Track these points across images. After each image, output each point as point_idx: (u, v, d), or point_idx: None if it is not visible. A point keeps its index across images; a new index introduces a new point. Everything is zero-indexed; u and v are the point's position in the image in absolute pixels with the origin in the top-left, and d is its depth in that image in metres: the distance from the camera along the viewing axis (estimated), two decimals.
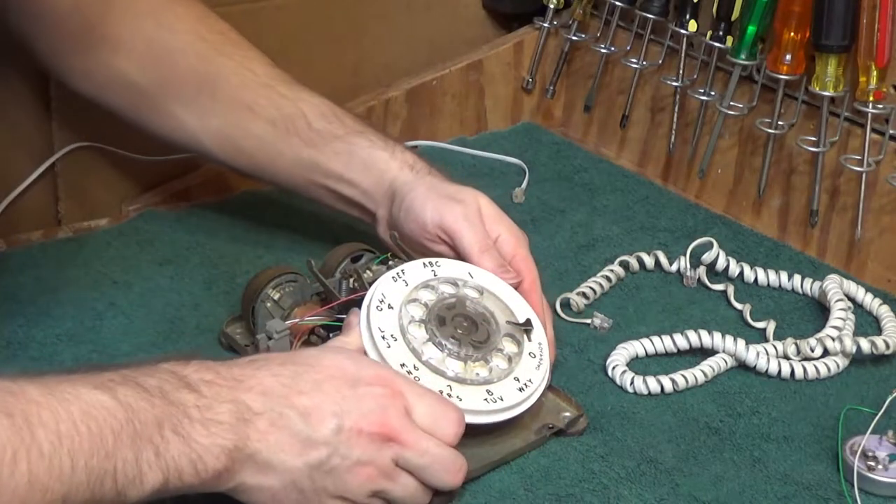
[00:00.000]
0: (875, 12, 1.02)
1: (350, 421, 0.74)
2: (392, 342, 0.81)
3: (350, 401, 0.74)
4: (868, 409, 0.88)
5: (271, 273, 0.90)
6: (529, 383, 0.84)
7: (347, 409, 0.74)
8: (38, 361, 0.90)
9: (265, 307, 0.89)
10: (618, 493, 0.81)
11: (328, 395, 0.74)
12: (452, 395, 0.80)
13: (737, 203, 1.18)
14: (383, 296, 0.84)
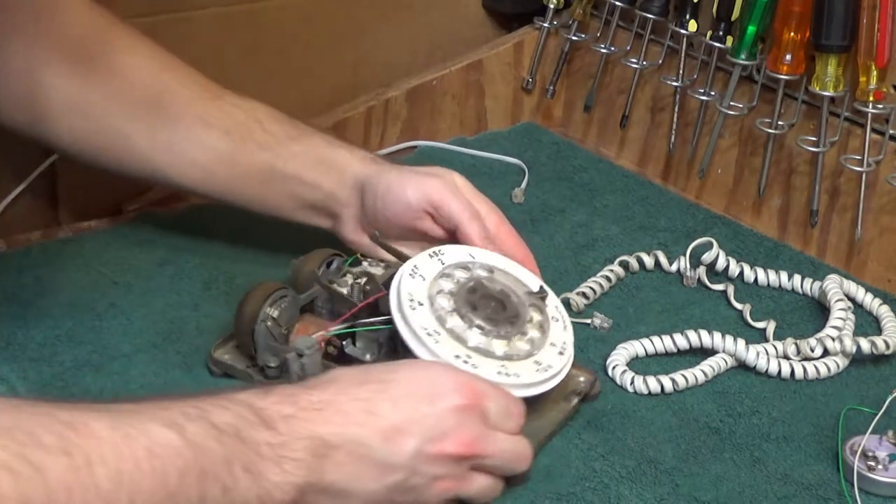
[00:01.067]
0: (875, 12, 1.02)
1: (430, 443, 0.74)
2: (438, 337, 0.81)
3: (429, 419, 0.74)
4: (868, 409, 0.88)
5: (264, 291, 0.87)
6: (565, 345, 0.86)
7: (427, 429, 0.74)
8: (37, 362, 0.89)
9: (265, 326, 0.86)
10: (618, 492, 0.81)
11: (407, 416, 0.73)
12: (509, 374, 0.81)
13: (737, 203, 1.18)
14: (410, 294, 0.83)
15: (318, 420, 0.71)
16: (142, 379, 0.89)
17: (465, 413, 0.75)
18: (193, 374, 0.90)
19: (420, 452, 0.73)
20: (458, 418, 0.75)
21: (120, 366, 0.90)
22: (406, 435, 0.73)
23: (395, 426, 0.73)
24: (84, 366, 0.90)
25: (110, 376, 0.89)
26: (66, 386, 0.88)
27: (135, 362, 0.91)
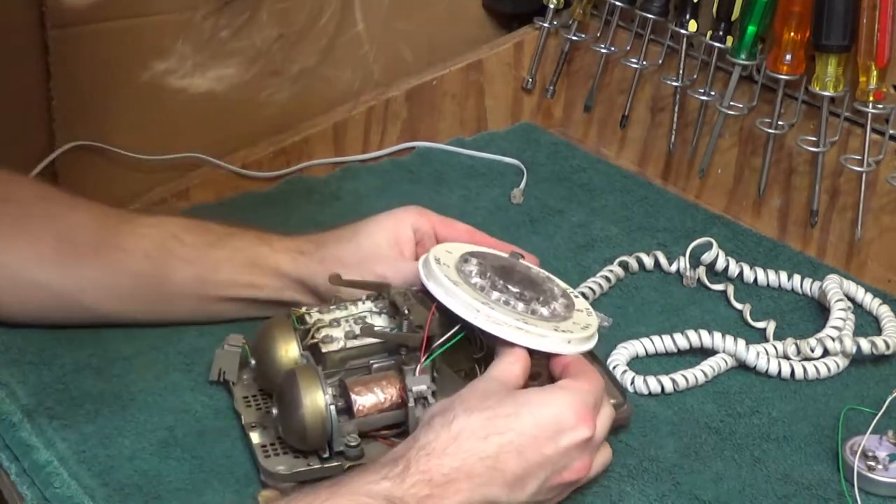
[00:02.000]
0: (875, 12, 1.02)
1: (552, 479, 0.77)
2: (525, 321, 0.81)
3: (553, 459, 0.76)
4: (868, 409, 0.88)
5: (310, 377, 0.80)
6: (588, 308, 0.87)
7: (550, 469, 0.76)
8: (37, 366, 0.89)
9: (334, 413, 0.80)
10: (620, 490, 0.82)
11: (532, 463, 0.76)
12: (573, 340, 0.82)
13: (737, 203, 1.18)
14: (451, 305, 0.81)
15: (451, 492, 0.74)
16: (142, 382, 0.89)
17: (585, 443, 0.78)
18: (193, 374, 0.90)
19: (541, 488, 0.77)
20: (580, 450, 0.78)
21: (120, 368, 0.90)
22: (529, 479, 0.76)
23: (520, 476, 0.75)
24: (84, 368, 0.90)
25: (111, 379, 0.89)
26: (66, 388, 0.88)
27: (135, 365, 0.91)
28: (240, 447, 0.84)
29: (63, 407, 0.86)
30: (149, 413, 0.86)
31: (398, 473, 0.73)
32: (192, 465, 0.82)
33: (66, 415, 0.85)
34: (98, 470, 0.81)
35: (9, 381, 0.88)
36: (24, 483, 0.80)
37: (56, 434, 0.83)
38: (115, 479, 0.80)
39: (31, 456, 0.81)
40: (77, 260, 0.91)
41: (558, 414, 0.77)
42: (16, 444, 0.83)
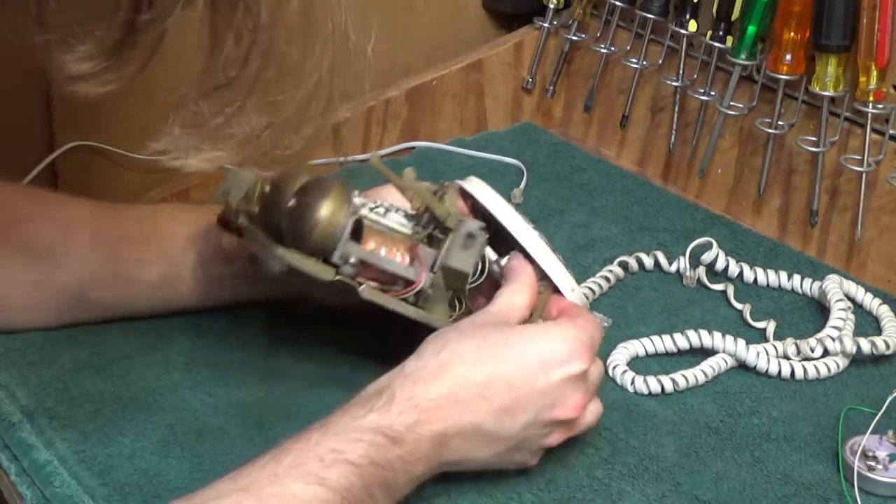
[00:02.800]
0: (875, 12, 1.02)
1: (542, 412, 0.77)
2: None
3: (543, 393, 0.77)
4: (868, 409, 0.88)
5: (340, 192, 0.82)
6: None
7: (540, 402, 0.77)
8: (36, 366, 0.89)
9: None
10: (620, 489, 0.82)
11: (521, 395, 0.76)
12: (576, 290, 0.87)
13: (737, 203, 1.18)
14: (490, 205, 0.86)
15: (438, 418, 0.75)
16: (142, 381, 0.89)
17: (577, 379, 0.78)
18: (193, 373, 0.90)
19: (532, 423, 0.77)
20: (572, 385, 0.78)
21: (121, 368, 0.90)
22: (518, 412, 0.76)
23: (508, 406, 0.76)
24: (85, 367, 0.90)
25: (111, 378, 0.89)
26: (67, 388, 0.88)
27: (135, 364, 0.91)
28: (240, 445, 0.84)
29: (63, 406, 0.86)
30: (149, 412, 0.86)
31: (384, 404, 0.74)
32: (192, 463, 0.82)
33: (66, 414, 0.85)
34: (98, 469, 0.81)
35: (8, 381, 0.88)
36: (23, 483, 0.80)
37: (56, 434, 0.83)
38: (115, 478, 0.80)
39: (30, 455, 0.81)
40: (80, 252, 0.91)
41: (552, 347, 0.77)
42: (15, 443, 0.82)
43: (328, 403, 0.88)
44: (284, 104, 0.66)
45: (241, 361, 0.92)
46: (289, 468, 0.71)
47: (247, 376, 0.90)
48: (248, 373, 0.91)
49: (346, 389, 0.89)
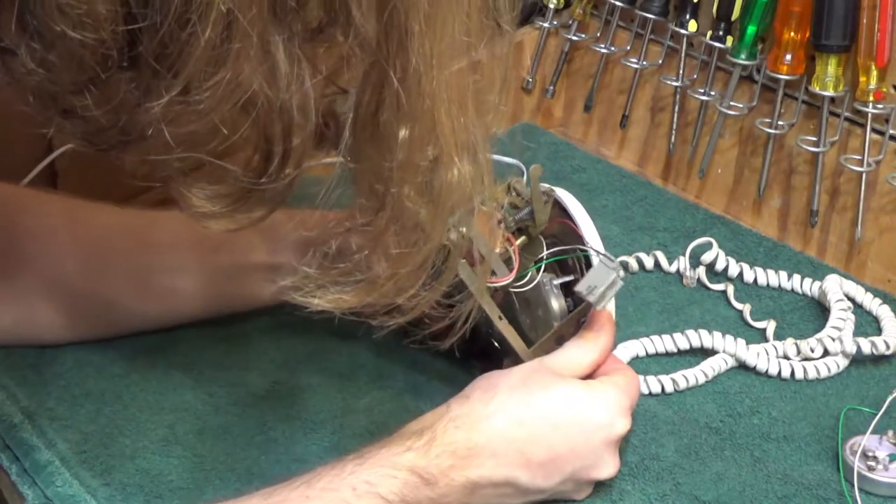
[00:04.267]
0: (875, 12, 1.02)
1: (579, 474, 0.78)
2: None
3: (583, 455, 0.77)
4: (868, 409, 0.89)
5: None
6: None
7: (578, 464, 0.77)
8: (37, 367, 0.89)
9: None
10: (620, 489, 0.82)
11: (561, 456, 0.77)
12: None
13: (737, 203, 1.18)
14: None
15: (473, 465, 0.75)
16: (143, 381, 0.89)
17: (617, 443, 0.79)
18: (194, 373, 0.90)
19: (566, 480, 0.78)
20: (611, 449, 0.79)
21: (121, 367, 0.90)
22: (555, 471, 0.77)
23: (545, 464, 0.76)
24: (86, 367, 0.90)
25: (112, 378, 0.89)
26: (68, 386, 0.88)
27: (136, 364, 0.91)
28: (241, 444, 0.84)
29: (64, 407, 0.86)
30: (150, 412, 0.86)
31: (423, 445, 0.74)
32: (194, 463, 0.82)
33: (67, 414, 0.85)
34: (99, 469, 0.81)
35: (9, 382, 0.88)
36: (24, 482, 0.80)
37: (57, 434, 0.83)
38: (117, 478, 0.80)
39: (32, 456, 0.81)
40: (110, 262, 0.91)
41: (596, 413, 0.78)
42: (17, 444, 0.83)
43: (330, 403, 0.88)
44: (410, 257, 0.66)
45: (241, 361, 0.92)
46: (320, 492, 0.71)
47: (248, 376, 0.91)
48: (249, 372, 0.91)
49: (347, 389, 0.90)
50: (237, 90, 0.59)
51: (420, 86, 0.61)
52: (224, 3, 0.56)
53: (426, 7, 0.59)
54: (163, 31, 0.56)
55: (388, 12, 0.59)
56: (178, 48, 0.57)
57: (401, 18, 0.59)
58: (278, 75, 0.59)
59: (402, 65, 0.60)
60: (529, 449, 0.76)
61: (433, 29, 0.60)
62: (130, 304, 0.91)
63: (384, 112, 0.62)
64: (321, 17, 0.60)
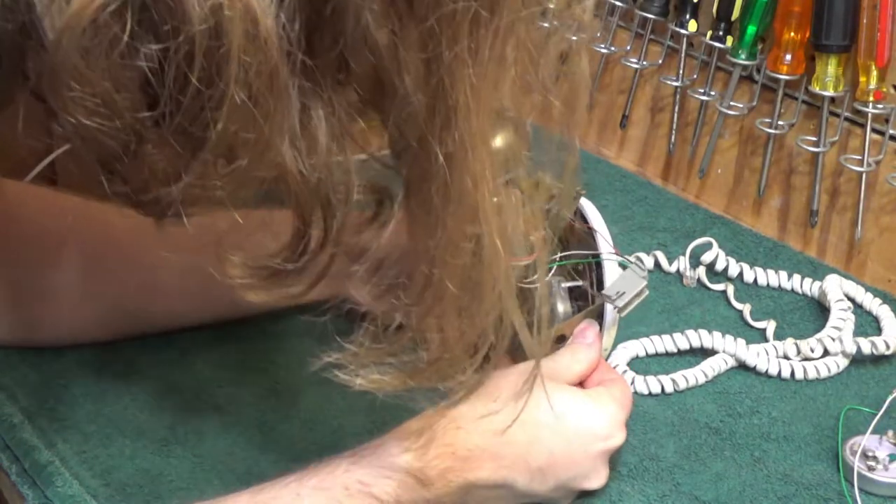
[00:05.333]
0: (875, 12, 1.02)
1: (573, 482, 0.78)
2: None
3: (580, 463, 0.77)
4: (868, 409, 0.89)
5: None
6: None
7: (574, 473, 0.77)
8: (37, 367, 0.89)
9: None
10: (620, 489, 0.82)
11: (559, 462, 0.77)
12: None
13: (737, 203, 1.18)
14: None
15: (472, 467, 0.74)
16: (143, 381, 0.89)
17: (611, 454, 0.79)
18: (195, 371, 0.90)
19: (560, 487, 0.77)
20: (604, 460, 0.79)
21: (121, 367, 0.90)
22: (550, 476, 0.77)
23: (543, 469, 0.76)
24: (86, 366, 0.90)
25: (112, 378, 0.89)
26: (68, 386, 0.88)
27: (136, 364, 0.91)
28: (241, 444, 0.84)
29: (64, 407, 0.86)
30: (149, 412, 0.86)
31: (421, 446, 0.73)
32: (194, 463, 0.82)
33: (67, 415, 0.85)
34: (100, 470, 0.81)
35: (9, 382, 0.88)
36: (24, 482, 0.80)
37: (57, 435, 0.83)
38: (117, 478, 0.80)
39: (32, 456, 0.81)
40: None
41: (597, 424, 0.78)
42: (17, 444, 0.82)
43: (330, 403, 0.88)
44: (454, 342, 0.65)
45: (242, 360, 0.92)
46: (312, 490, 0.70)
47: (248, 375, 0.91)
48: (249, 372, 0.91)
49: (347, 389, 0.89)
50: (261, 173, 0.57)
51: (465, 163, 0.59)
52: (239, 92, 0.53)
53: (473, 80, 0.57)
54: (178, 118, 0.55)
55: (434, 83, 0.57)
56: (193, 132, 0.55)
57: (447, 90, 0.57)
58: (317, 151, 0.58)
59: (447, 140, 0.58)
60: (530, 452, 0.76)
61: (479, 104, 0.58)
62: (134, 306, 0.91)
63: (430, 188, 0.60)
64: (366, 86, 0.59)
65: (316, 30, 0.56)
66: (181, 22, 0.52)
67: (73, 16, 0.51)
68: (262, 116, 0.55)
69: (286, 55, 0.54)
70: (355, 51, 0.57)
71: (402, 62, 0.57)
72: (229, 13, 0.52)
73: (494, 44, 0.57)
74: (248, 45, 0.53)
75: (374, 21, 0.56)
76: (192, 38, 0.52)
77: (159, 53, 0.53)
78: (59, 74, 0.53)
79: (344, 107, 0.58)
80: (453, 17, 0.55)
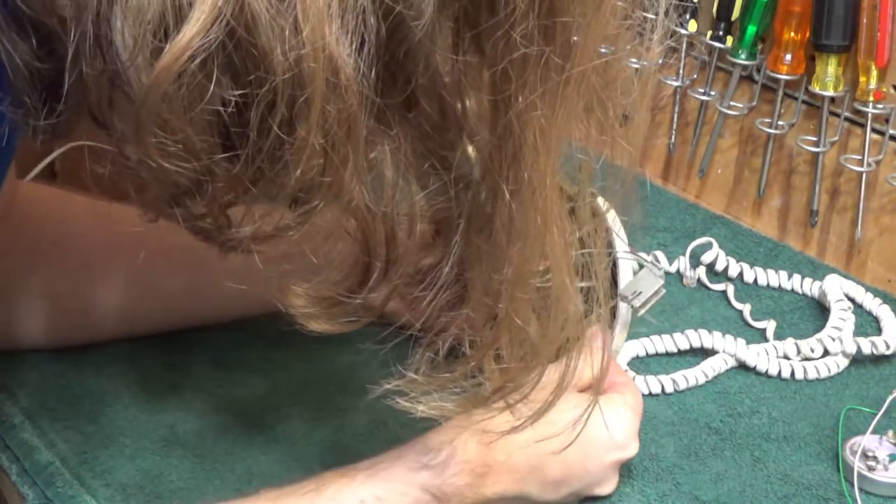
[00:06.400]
0: (875, 12, 1.02)
1: (585, 490, 0.78)
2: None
3: (593, 473, 0.78)
4: (868, 409, 0.89)
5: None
6: None
7: (587, 482, 0.78)
8: (37, 367, 0.89)
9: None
10: (620, 490, 0.82)
11: (573, 472, 0.77)
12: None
13: (737, 203, 1.18)
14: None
15: (489, 482, 0.74)
16: (144, 381, 0.89)
17: (623, 463, 0.79)
18: (195, 371, 0.90)
19: (571, 494, 0.78)
20: (616, 468, 0.79)
21: (123, 366, 0.90)
22: (564, 486, 0.77)
23: (558, 480, 0.76)
24: (86, 365, 0.90)
25: (111, 377, 0.89)
26: (68, 386, 0.88)
27: (137, 364, 0.91)
28: (241, 444, 0.84)
29: (64, 407, 0.86)
30: (150, 412, 0.86)
31: (440, 462, 0.73)
32: (194, 463, 0.82)
33: (68, 415, 0.85)
34: (100, 470, 0.81)
35: (9, 383, 0.88)
36: (25, 483, 0.80)
37: (57, 435, 0.83)
38: (118, 478, 0.80)
39: (32, 456, 0.81)
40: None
41: (613, 434, 0.78)
42: (17, 445, 0.83)
43: (330, 403, 0.88)
44: (518, 373, 0.65)
45: (241, 361, 0.92)
46: (328, 501, 0.70)
47: (248, 376, 0.91)
48: (250, 372, 0.91)
49: (347, 388, 0.89)
50: (334, 211, 0.58)
51: (533, 201, 0.58)
52: (318, 139, 0.54)
53: (542, 122, 0.57)
54: (257, 163, 0.55)
55: (502, 123, 0.57)
56: (270, 176, 0.55)
57: (515, 131, 0.57)
58: (383, 185, 0.58)
59: (514, 178, 0.58)
60: (546, 464, 0.75)
61: (548, 145, 0.57)
62: (137, 307, 0.91)
63: (496, 223, 0.60)
64: (433, 124, 0.59)
65: (389, 73, 0.56)
66: (265, 72, 0.52)
67: (162, 70, 0.52)
68: (339, 161, 0.55)
69: (363, 100, 0.55)
70: (425, 91, 0.57)
71: (470, 103, 0.58)
72: (313, 64, 0.52)
73: (566, 90, 0.57)
74: (329, 94, 0.53)
75: (443, 63, 0.56)
76: (276, 87, 0.53)
77: (240, 99, 0.53)
78: (143, 123, 0.54)
79: (409, 142, 0.58)
80: (525, 61, 0.55)
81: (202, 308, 0.92)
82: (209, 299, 0.91)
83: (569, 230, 0.62)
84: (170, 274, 0.90)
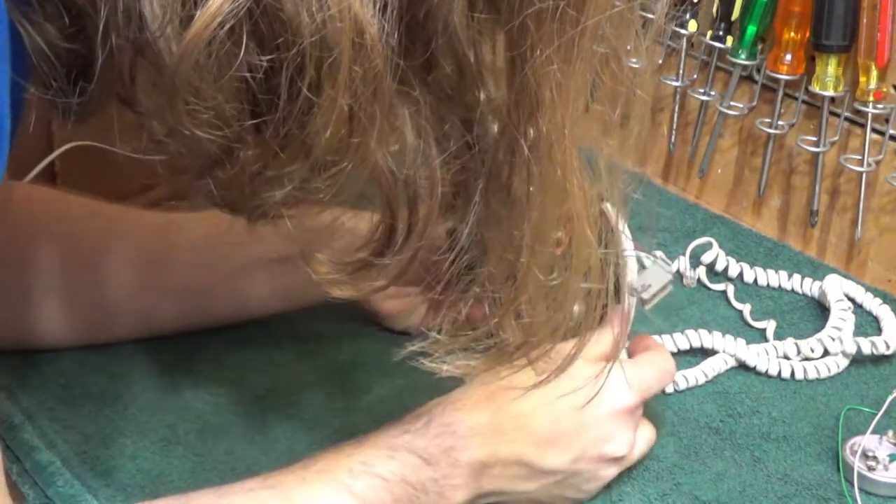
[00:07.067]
0: (875, 12, 1.02)
1: (590, 449, 0.76)
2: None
3: (589, 428, 0.76)
4: (868, 409, 0.89)
5: None
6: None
7: (586, 439, 0.76)
8: (37, 367, 0.89)
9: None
10: (620, 490, 0.82)
11: (566, 428, 0.75)
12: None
13: (737, 203, 1.18)
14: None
15: (476, 444, 0.74)
16: (143, 381, 0.89)
17: (626, 413, 0.77)
18: (194, 372, 0.90)
19: (579, 458, 0.76)
20: (620, 420, 0.77)
21: (122, 367, 0.90)
22: (563, 445, 0.75)
23: (551, 439, 0.75)
24: (85, 366, 0.90)
25: (112, 378, 0.89)
26: (68, 386, 0.88)
27: (136, 363, 0.91)
28: (241, 444, 0.84)
29: (64, 407, 0.86)
30: (150, 412, 0.86)
31: (421, 426, 0.73)
32: (194, 463, 0.82)
33: (68, 415, 0.85)
34: (101, 470, 0.81)
35: (9, 383, 0.88)
36: (25, 483, 0.80)
37: (58, 435, 0.83)
38: (118, 478, 0.80)
39: (33, 456, 0.81)
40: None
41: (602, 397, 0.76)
42: (17, 445, 0.83)
43: (330, 403, 0.88)
44: (541, 326, 0.65)
45: (241, 361, 0.92)
46: (317, 473, 0.71)
47: (248, 376, 0.91)
48: (249, 372, 0.91)
49: (348, 388, 0.90)
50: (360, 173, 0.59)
51: (551, 155, 0.59)
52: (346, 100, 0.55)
53: (558, 76, 0.57)
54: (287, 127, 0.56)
55: (519, 79, 0.57)
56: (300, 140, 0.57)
57: (532, 86, 0.57)
58: (404, 149, 0.59)
59: (532, 133, 0.59)
60: (533, 422, 0.75)
61: (565, 98, 0.58)
62: (138, 307, 0.90)
63: (514, 180, 0.60)
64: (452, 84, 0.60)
65: (410, 35, 0.57)
66: (293, 35, 0.54)
67: (192, 38, 0.53)
68: (367, 121, 0.56)
69: (388, 61, 0.56)
70: (444, 52, 0.58)
71: (488, 60, 0.59)
72: (340, 24, 0.53)
73: (581, 42, 0.57)
74: (355, 55, 0.54)
75: (461, 22, 0.57)
76: (303, 49, 0.54)
77: (268, 64, 0.55)
78: (177, 91, 0.55)
79: (430, 104, 0.59)
80: (539, 16, 0.56)
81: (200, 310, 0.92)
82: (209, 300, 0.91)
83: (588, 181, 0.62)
84: (170, 274, 0.89)
